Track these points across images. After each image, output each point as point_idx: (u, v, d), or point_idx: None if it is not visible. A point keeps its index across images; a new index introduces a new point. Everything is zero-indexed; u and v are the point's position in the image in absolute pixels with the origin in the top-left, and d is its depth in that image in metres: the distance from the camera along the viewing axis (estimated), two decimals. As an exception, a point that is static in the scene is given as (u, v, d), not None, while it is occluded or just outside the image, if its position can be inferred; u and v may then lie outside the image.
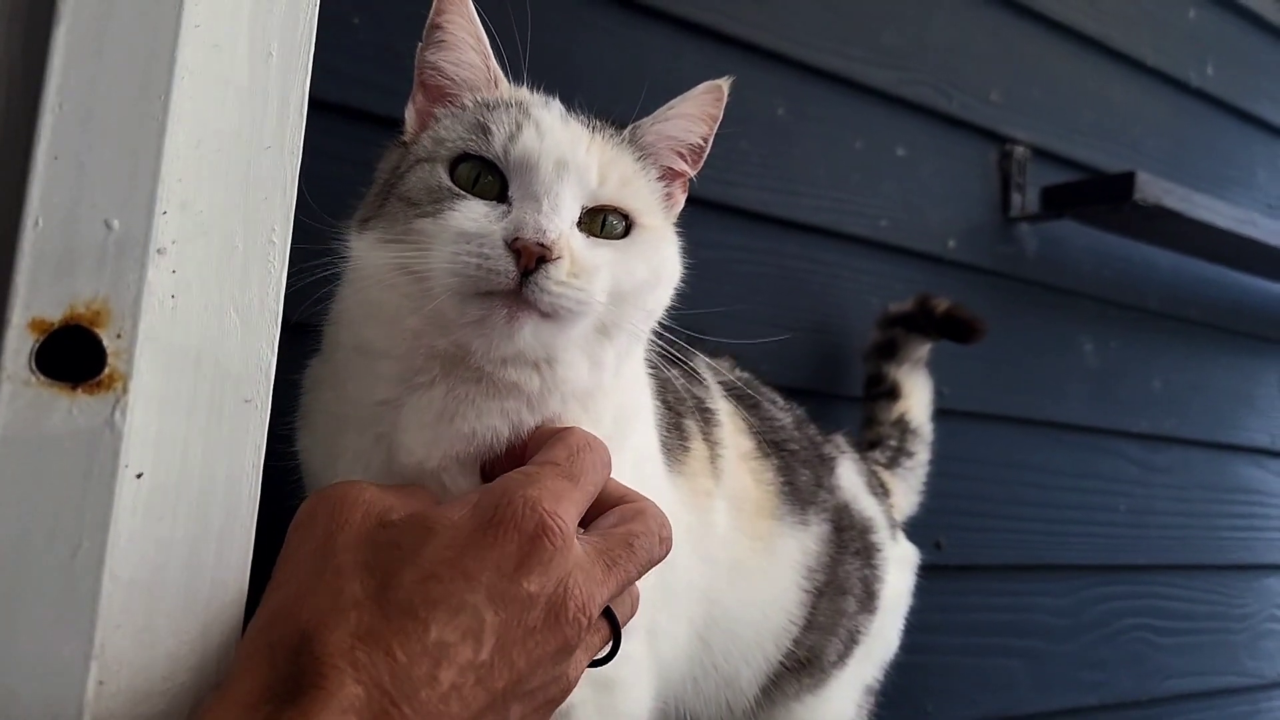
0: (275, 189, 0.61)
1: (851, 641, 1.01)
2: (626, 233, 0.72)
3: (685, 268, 0.80)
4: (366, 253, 0.70)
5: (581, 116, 0.75)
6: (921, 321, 1.39)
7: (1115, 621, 1.81)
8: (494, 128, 0.70)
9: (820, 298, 1.48)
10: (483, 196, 0.68)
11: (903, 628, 1.14)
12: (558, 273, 0.64)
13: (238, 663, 0.53)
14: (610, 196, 0.70)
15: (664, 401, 0.86)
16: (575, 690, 0.71)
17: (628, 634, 0.76)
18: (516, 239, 0.63)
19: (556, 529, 0.57)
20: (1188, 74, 2.06)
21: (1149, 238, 1.88)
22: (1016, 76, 1.76)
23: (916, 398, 1.40)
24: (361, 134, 1.02)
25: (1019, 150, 1.74)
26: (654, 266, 0.73)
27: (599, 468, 0.65)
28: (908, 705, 1.47)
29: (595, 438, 0.66)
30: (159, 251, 0.55)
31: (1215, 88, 2.11)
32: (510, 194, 0.68)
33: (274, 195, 0.61)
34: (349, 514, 0.57)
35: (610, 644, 0.64)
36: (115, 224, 0.54)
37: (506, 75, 0.78)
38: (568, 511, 0.58)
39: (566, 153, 0.68)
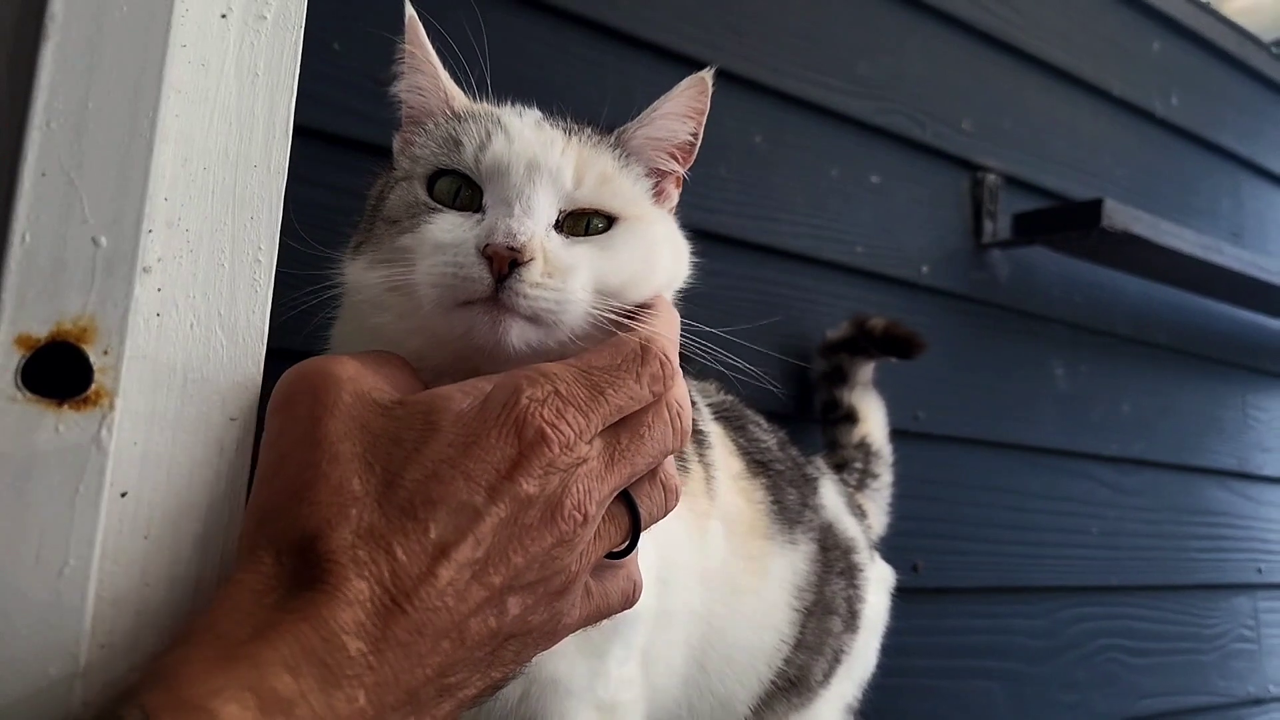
0: (262, 208, 0.61)
1: (836, 660, 1.02)
2: (610, 228, 0.70)
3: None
4: (360, 277, 0.69)
5: (561, 122, 0.74)
6: (862, 343, 1.41)
7: (1089, 642, 1.82)
8: (465, 140, 0.69)
9: (798, 322, 1.49)
10: (463, 209, 0.68)
11: (881, 649, 1.15)
12: (531, 275, 0.62)
13: (237, 561, 0.53)
14: (588, 199, 0.69)
15: None
16: (584, 714, 0.72)
17: (631, 654, 0.77)
18: (488, 245, 0.62)
19: (555, 440, 0.55)
20: (1153, 104, 2.11)
21: (1117, 264, 1.92)
22: (988, 106, 1.80)
23: (874, 420, 1.42)
24: (341, 159, 1.03)
25: (991, 178, 1.77)
26: (644, 254, 0.70)
27: (642, 382, 0.61)
28: (886, 729, 1.47)
29: (663, 343, 0.63)
30: (145, 269, 0.55)
31: (1180, 118, 2.16)
32: (485, 202, 0.67)
33: (260, 214, 0.61)
34: (334, 395, 0.55)
35: (630, 536, 0.63)
36: (102, 241, 0.54)
37: (488, 98, 0.79)
38: (574, 421, 0.57)
39: (538, 155, 0.67)
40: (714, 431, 0.96)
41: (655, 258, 0.72)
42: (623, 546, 0.63)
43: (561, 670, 0.71)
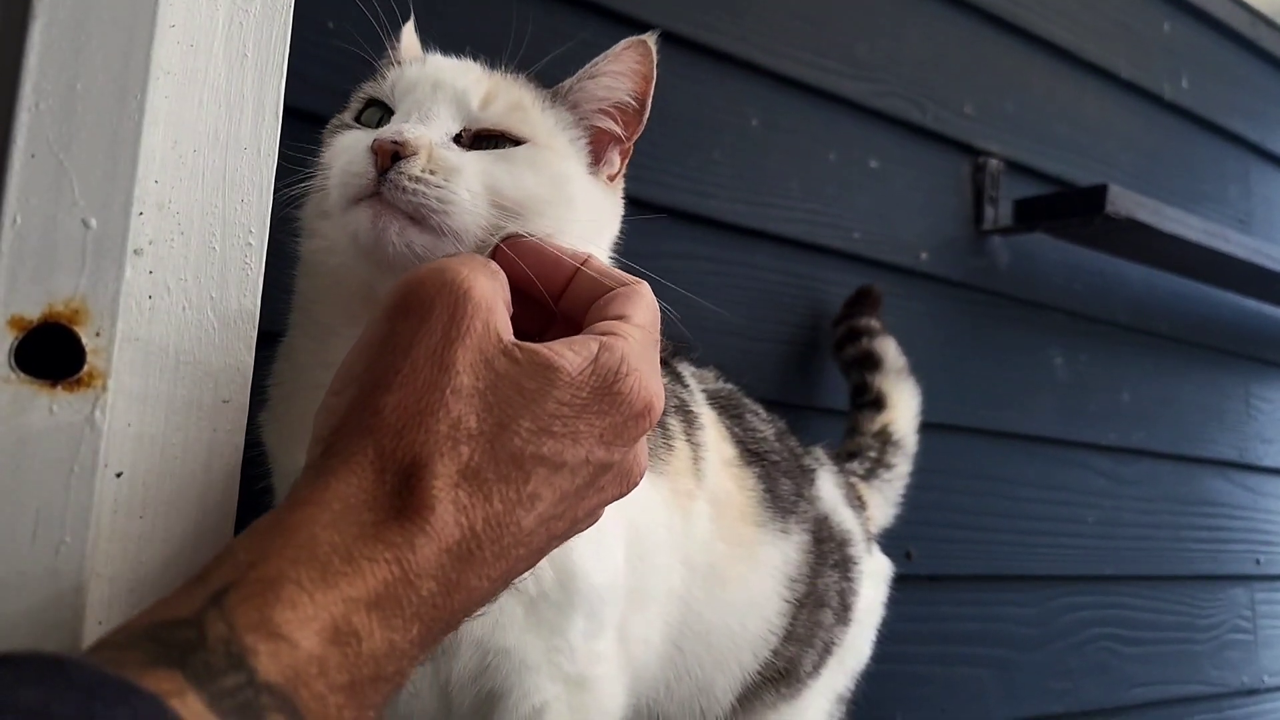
0: (252, 190, 0.61)
1: (826, 652, 1.01)
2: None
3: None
4: (305, 215, 0.74)
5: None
6: (848, 323, 1.45)
7: (1082, 631, 1.82)
8: (389, 72, 0.74)
9: (792, 309, 1.49)
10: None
11: (874, 638, 1.15)
12: (411, 168, 0.64)
13: (336, 455, 0.52)
14: (494, 120, 0.70)
15: None
16: (549, 687, 0.73)
17: (601, 630, 0.77)
18: (375, 140, 0.65)
19: (656, 410, 0.59)
20: (1162, 87, 2.09)
21: (1120, 251, 1.90)
22: (990, 89, 1.79)
23: (903, 408, 1.40)
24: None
25: (992, 163, 1.76)
26: (551, 180, 0.70)
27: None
28: (878, 714, 1.48)
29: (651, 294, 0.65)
30: (136, 252, 0.55)
31: (1189, 101, 2.14)
32: (392, 119, 0.71)
33: (251, 197, 0.61)
34: (469, 320, 0.55)
35: None
36: (93, 223, 0.54)
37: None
38: (660, 389, 0.60)
39: (446, 77, 0.70)
40: (706, 414, 0.96)
41: (566, 190, 0.71)
42: None
43: (510, 642, 0.71)
